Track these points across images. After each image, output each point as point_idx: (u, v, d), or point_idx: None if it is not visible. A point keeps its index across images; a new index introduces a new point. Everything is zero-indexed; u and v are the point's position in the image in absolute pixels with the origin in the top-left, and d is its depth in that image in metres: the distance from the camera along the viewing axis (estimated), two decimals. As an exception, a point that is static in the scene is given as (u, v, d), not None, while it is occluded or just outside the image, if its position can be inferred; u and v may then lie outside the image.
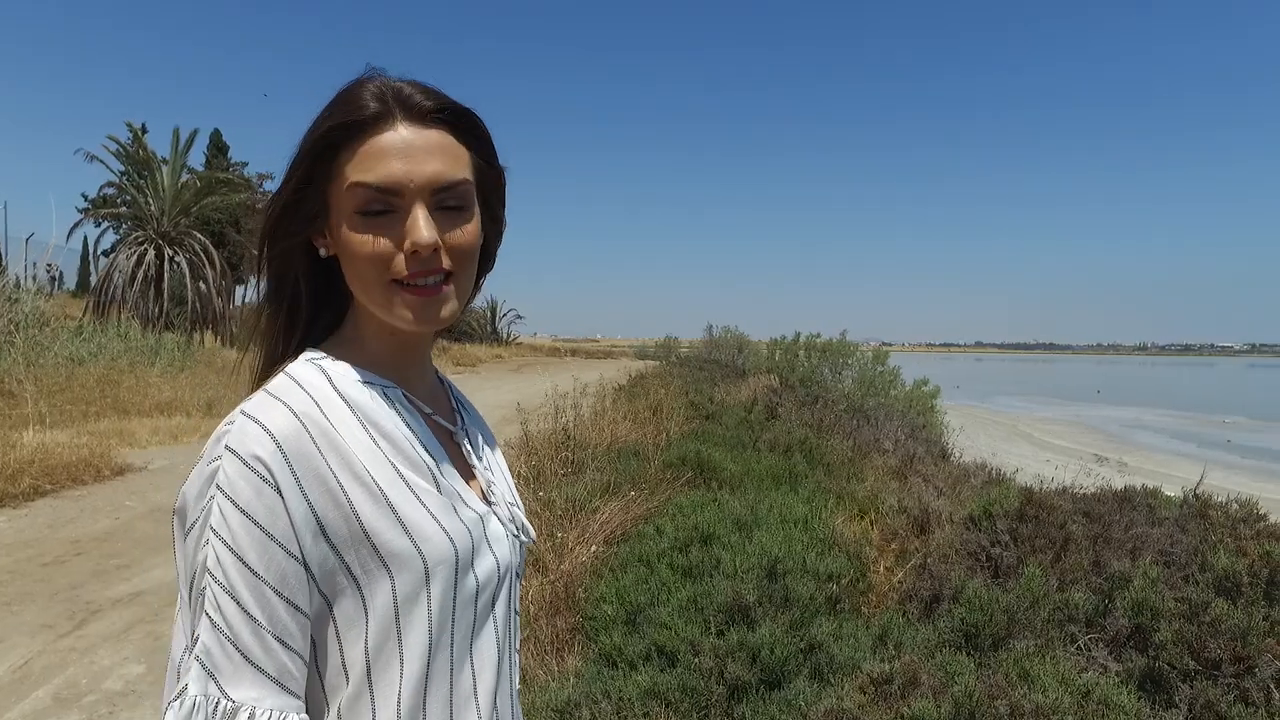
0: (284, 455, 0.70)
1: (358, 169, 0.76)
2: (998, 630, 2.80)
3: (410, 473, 0.78)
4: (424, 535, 0.75)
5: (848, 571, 3.80)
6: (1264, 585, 3.01)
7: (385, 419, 0.79)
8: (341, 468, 0.73)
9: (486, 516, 0.84)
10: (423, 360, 0.89)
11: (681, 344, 42.92)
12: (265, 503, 0.69)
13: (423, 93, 0.79)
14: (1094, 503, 3.57)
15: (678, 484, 6.25)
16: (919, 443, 8.93)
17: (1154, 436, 23.27)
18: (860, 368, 21.39)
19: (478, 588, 0.80)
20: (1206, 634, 2.73)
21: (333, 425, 0.74)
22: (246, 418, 0.72)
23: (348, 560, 0.72)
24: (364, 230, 0.76)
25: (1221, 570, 2.97)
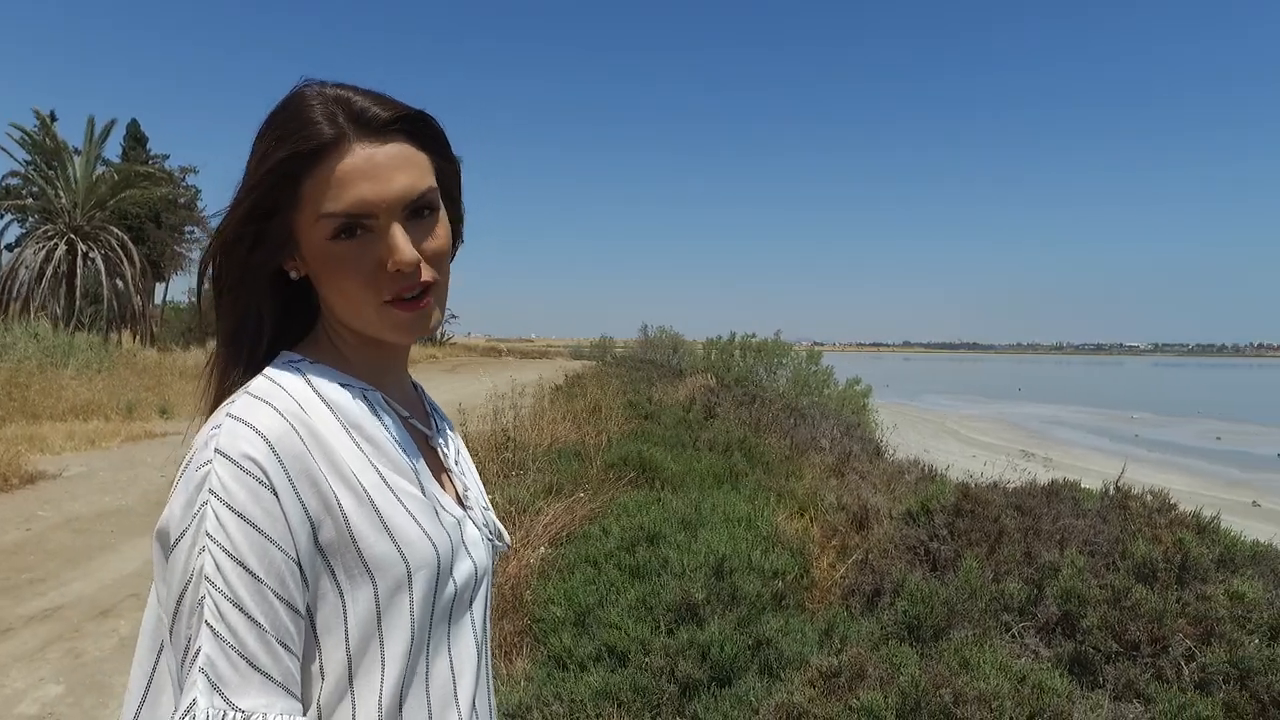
0: (277, 456, 0.69)
1: (324, 199, 0.74)
2: (938, 621, 2.90)
3: (394, 475, 0.78)
4: (407, 539, 0.75)
5: (792, 568, 3.88)
6: (1177, 570, 3.20)
7: (367, 422, 0.79)
8: (330, 470, 0.73)
9: (463, 521, 0.85)
10: (399, 365, 0.89)
11: (617, 344, 43.02)
12: (263, 505, 0.68)
13: (376, 103, 0.77)
14: (1024, 497, 3.73)
15: (620, 484, 6.27)
16: (854, 441, 9.16)
17: (1072, 432, 24.40)
18: (794, 367, 21.82)
19: (456, 592, 0.80)
20: (1127, 618, 2.90)
21: (318, 427, 0.74)
22: (234, 420, 0.71)
23: (333, 563, 0.72)
24: (343, 255, 0.75)
25: (1140, 558, 3.15)
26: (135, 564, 5.45)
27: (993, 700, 2.20)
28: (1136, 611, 2.81)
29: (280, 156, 0.75)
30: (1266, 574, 3.61)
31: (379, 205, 0.75)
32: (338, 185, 0.74)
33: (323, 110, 0.75)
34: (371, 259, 0.75)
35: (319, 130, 0.75)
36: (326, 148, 0.74)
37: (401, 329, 0.78)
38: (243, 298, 0.80)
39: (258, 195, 0.76)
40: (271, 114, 0.78)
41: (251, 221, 0.77)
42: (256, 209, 0.76)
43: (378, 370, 0.85)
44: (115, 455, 9.42)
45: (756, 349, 23.41)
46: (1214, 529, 3.79)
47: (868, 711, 2.27)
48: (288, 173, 0.75)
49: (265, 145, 0.77)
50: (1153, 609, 2.81)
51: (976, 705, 2.18)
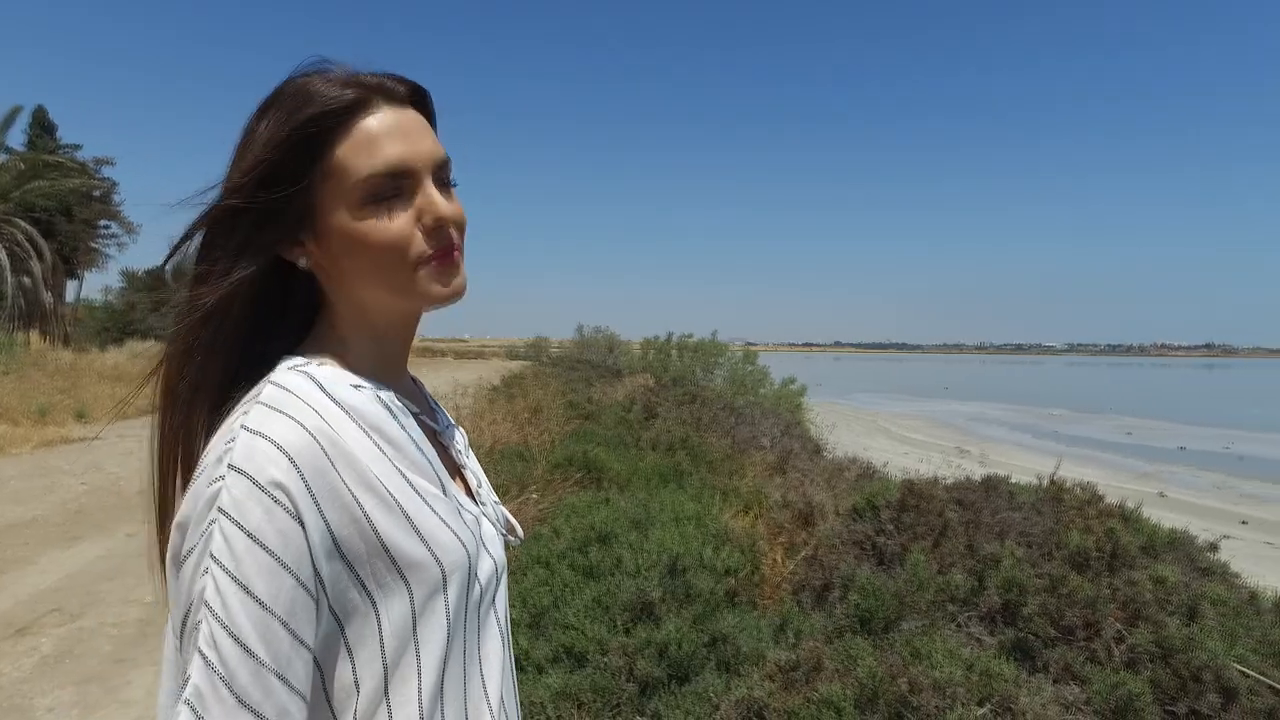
0: (299, 471, 0.66)
1: (359, 159, 0.73)
2: (889, 614, 3.00)
3: (417, 478, 0.76)
4: (438, 542, 0.73)
5: (743, 565, 3.94)
6: (1107, 558, 3.38)
7: (386, 424, 0.76)
8: (354, 480, 0.69)
9: (480, 517, 0.84)
10: (403, 361, 0.87)
11: (552, 344, 42.81)
12: (276, 526, 0.63)
13: (388, 77, 0.78)
14: (964, 491, 3.88)
15: (567, 485, 6.26)
16: (793, 439, 9.34)
17: (996, 429, 25.35)
18: (731, 367, 22.10)
19: (481, 590, 0.79)
20: (1064, 605, 3.04)
21: (339, 435, 0.70)
22: (251, 433, 0.67)
23: (362, 575, 0.69)
24: (372, 223, 0.74)
25: (1074, 547, 3.31)
26: (54, 578, 5.19)
27: (946, 688, 2.29)
28: (1072, 598, 2.96)
29: (309, 114, 0.73)
30: (1182, 559, 3.85)
31: (415, 163, 0.75)
32: (371, 144, 0.74)
33: (340, 80, 0.75)
34: (404, 220, 0.74)
35: (343, 94, 0.74)
36: (357, 105, 0.74)
37: (435, 285, 0.76)
38: (238, 283, 0.74)
39: (278, 157, 0.73)
40: (275, 93, 0.76)
41: (265, 188, 0.73)
42: (275, 176, 0.73)
43: (386, 368, 0.82)
44: (27, 463, 8.94)
45: (694, 349, 23.62)
46: (1137, 518, 4.01)
47: (827, 703, 2.33)
48: (315, 133, 0.73)
49: (278, 115, 0.74)
50: (1086, 595, 2.95)
51: (931, 693, 2.26)
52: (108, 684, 3.78)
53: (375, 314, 0.80)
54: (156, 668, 3.86)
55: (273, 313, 0.80)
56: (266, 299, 0.79)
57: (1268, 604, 3.47)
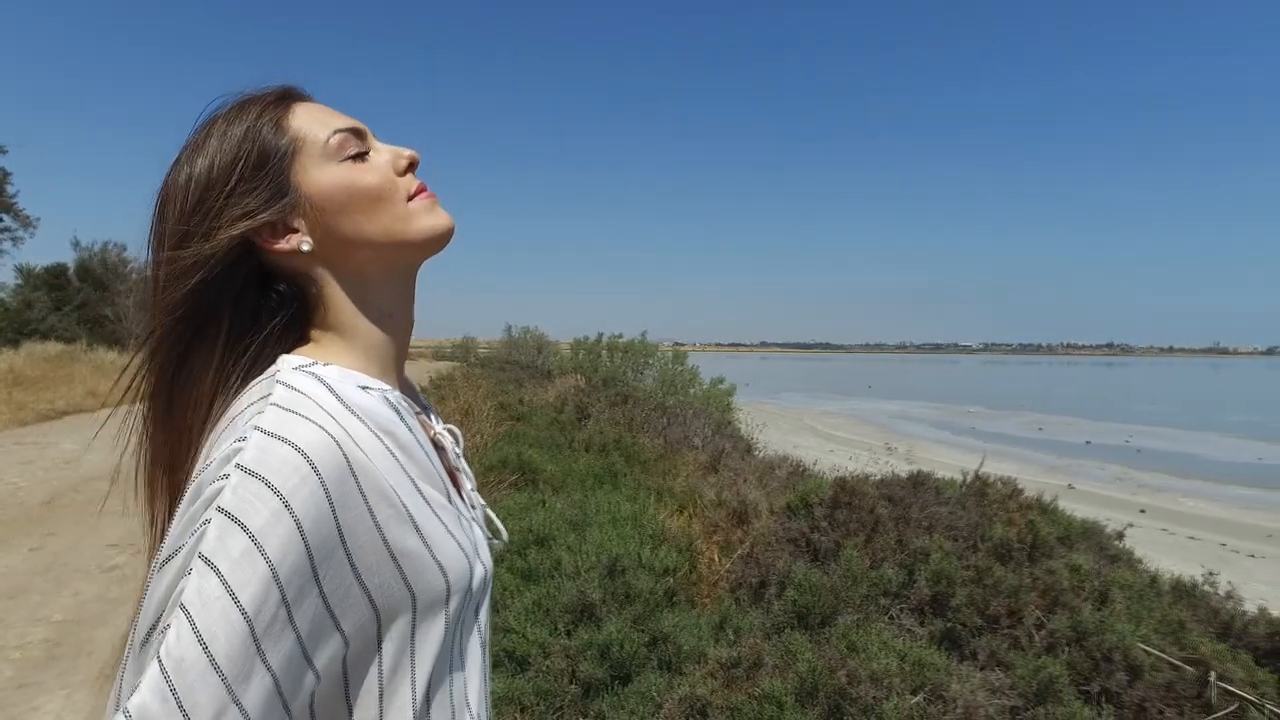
0: (320, 479, 0.62)
1: (317, 126, 0.77)
2: (825, 609, 3.07)
3: (426, 486, 0.74)
4: (446, 554, 0.72)
5: (680, 565, 3.98)
6: (1028, 549, 3.55)
7: (396, 427, 0.73)
8: (372, 489, 0.66)
9: (472, 522, 0.82)
10: (404, 353, 0.84)
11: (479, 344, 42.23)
12: (281, 534, 0.59)
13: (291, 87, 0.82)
14: (894, 488, 4.00)
15: (502, 487, 6.20)
16: (725, 438, 9.46)
17: (917, 426, 26.22)
18: (661, 367, 22.19)
19: (473, 598, 0.78)
20: (989, 595, 3.18)
21: (356, 441, 0.67)
22: (266, 435, 0.62)
23: (369, 587, 0.66)
24: (358, 172, 0.76)
25: (998, 539, 3.46)
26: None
27: (883, 679, 2.36)
28: (996, 588, 3.09)
29: (260, 104, 0.76)
30: (1094, 548, 4.08)
31: (364, 127, 0.80)
32: (319, 117, 0.78)
33: (261, 88, 0.79)
34: (381, 164, 0.77)
35: (272, 88, 0.79)
36: (289, 94, 0.79)
37: (430, 212, 0.78)
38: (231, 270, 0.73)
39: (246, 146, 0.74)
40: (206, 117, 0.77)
41: (235, 168, 0.73)
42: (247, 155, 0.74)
43: (388, 362, 0.80)
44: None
45: (624, 349, 23.63)
46: (1054, 510, 4.22)
47: (769, 698, 2.38)
48: (276, 116, 0.76)
49: (229, 117, 0.76)
50: (1010, 585, 3.09)
51: (869, 684, 2.33)
52: (11, 712, 3.56)
53: (377, 283, 0.79)
54: (67, 692, 3.66)
55: (261, 317, 0.77)
56: (254, 304, 0.77)
57: (1166, 586, 3.70)
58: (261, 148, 0.74)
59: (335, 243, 0.76)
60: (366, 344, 0.78)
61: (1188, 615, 3.30)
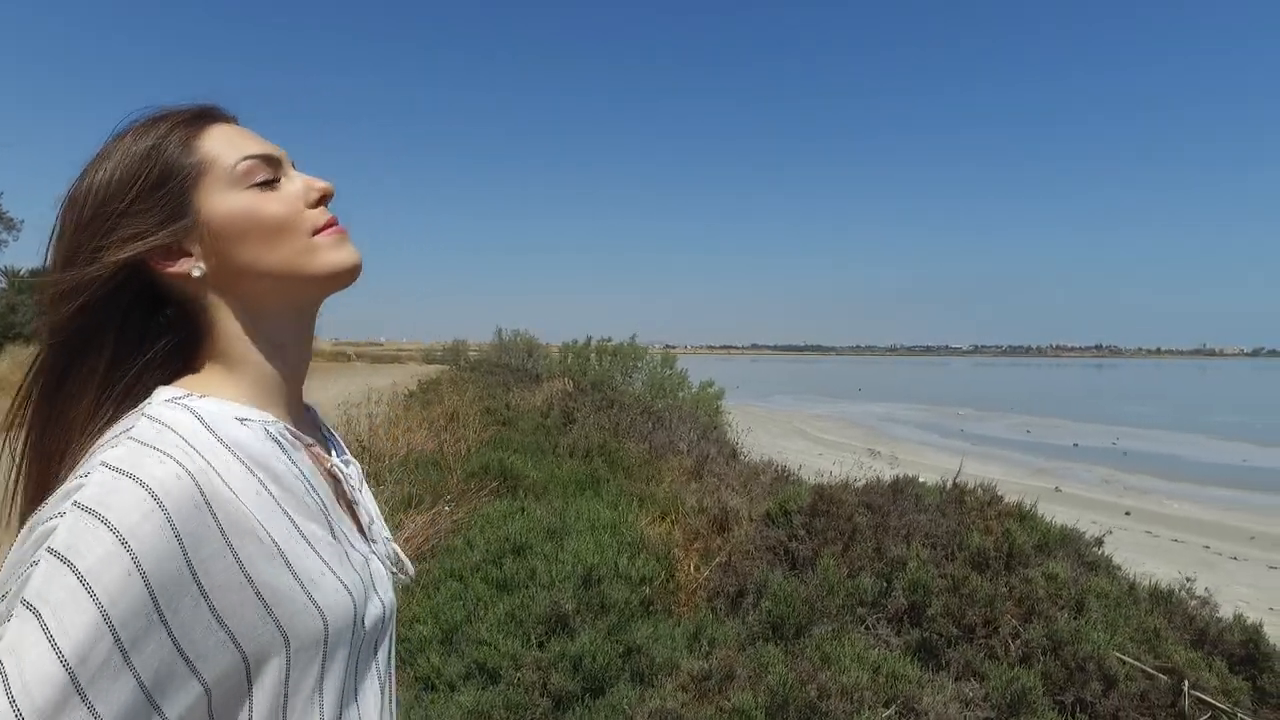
0: (167, 518, 0.59)
1: (228, 149, 0.74)
2: (800, 619, 3.05)
3: (305, 521, 0.71)
4: (325, 592, 0.69)
5: (658, 574, 3.95)
6: (1005, 558, 3.53)
7: (274, 461, 0.71)
8: (234, 527, 0.63)
9: (369, 557, 0.79)
10: (299, 383, 0.81)
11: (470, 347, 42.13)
12: (115, 575, 0.55)
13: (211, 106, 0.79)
14: (873, 495, 3.98)
15: (483, 494, 6.15)
16: (710, 443, 9.44)
17: (906, 429, 26.27)
18: (650, 370, 22.14)
19: (365, 637, 0.75)
20: (965, 604, 3.16)
21: (221, 476, 0.64)
22: (111, 471, 0.59)
23: (233, 629, 0.63)
24: (264, 201, 0.73)
25: (974, 548, 3.44)
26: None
27: (854, 692, 2.34)
28: (973, 598, 3.07)
29: (171, 120, 0.73)
30: (1072, 555, 4.06)
31: (277, 152, 0.77)
32: (233, 140, 0.75)
33: (177, 106, 0.76)
34: (290, 195, 0.75)
35: (188, 107, 0.76)
36: (204, 114, 0.76)
37: (337, 248, 0.75)
38: (116, 294, 0.70)
39: (148, 164, 0.71)
40: (117, 132, 0.74)
41: (133, 185, 0.70)
42: (147, 172, 0.70)
43: (280, 393, 0.77)
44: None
45: (613, 352, 23.56)
46: (1032, 517, 4.21)
47: (739, 713, 2.35)
48: (184, 136, 0.73)
49: (138, 133, 0.73)
50: (986, 595, 3.08)
51: (839, 698, 2.31)
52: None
53: (272, 315, 0.76)
54: None
55: (146, 341, 0.74)
56: (141, 326, 0.74)
57: (1144, 594, 3.70)
58: (164, 166, 0.71)
59: (230, 271, 0.73)
60: (256, 375, 0.76)
61: (1164, 623, 3.30)
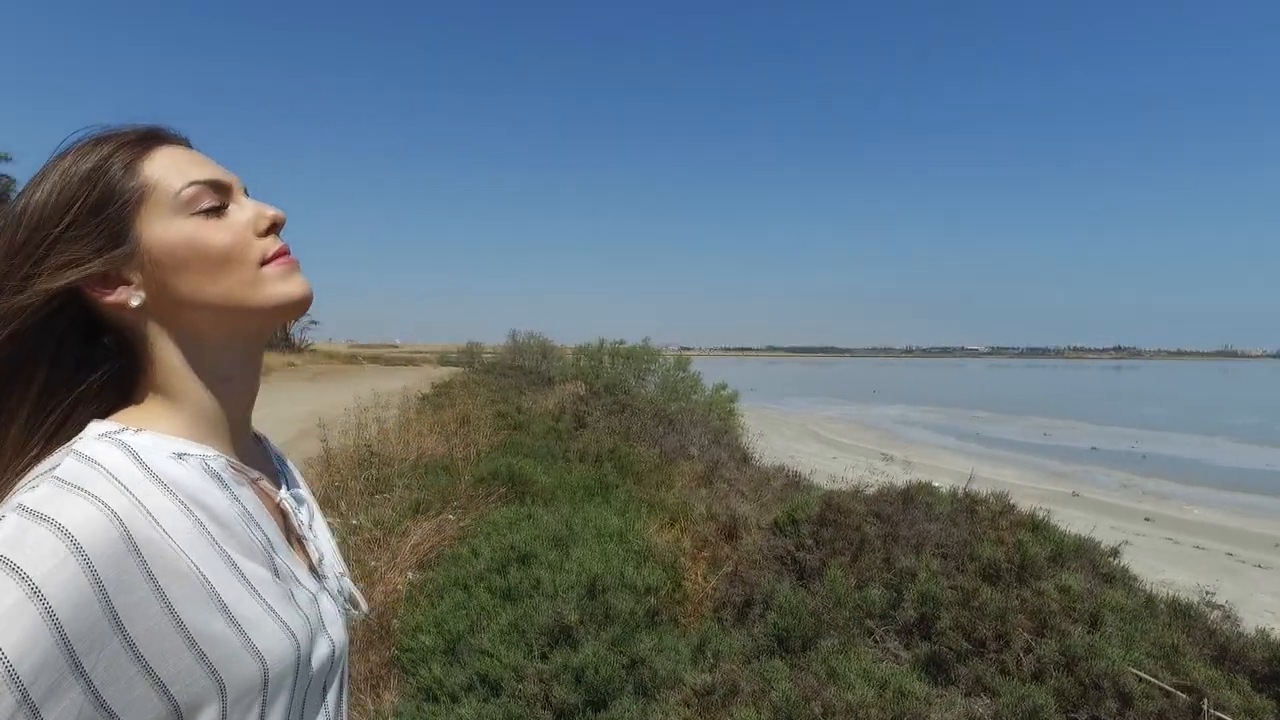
0: (86, 564, 0.56)
1: (173, 174, 0.70)
2: (807, 632, 2.99)
3: (244, 560, 0.67)
4: (264, 635, 0.66)
5: (664, 583, 3.90)
6: (1017, 570, 3.45)
7: (211, 497, 0.67)
8: (163, 569, 0.60)
9: (319, 594, 0.76)
10: (245, 413, 0.79)
11: (485, 349, 42.29)
12: (23, 624, 0.53)
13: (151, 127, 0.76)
14: (883, 503, 3.92)
15: (490, 500, 6.13)
16: (722, 448, 9.38)
17: (922, 431, 26.06)
18: (663, 373, 22.09)
19: (311, 680, 0.71)
20: (976, 617, 3.09)
21: (149, 515, 0.61)
22: (26, 515, 0.56)
23: (161, 677, 0.60)
24: (209, 230, 0.70)
25: (986, 559, 3.37)
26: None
27: (859, 710, 2.29)
28: (984, 611, 3.00)
29: (115, 142, 0.70)
30: (1087, 566, 3.97)
31: (227, 179, 0.73)
32: (180, 165, 0.71)
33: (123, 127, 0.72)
34: (237, 224, 0.71)
35: (134, 128, 0.72)
36: (151, 136, 0.72)
37: (285, 279, 0.72)
38: (49, 321, 0.67)
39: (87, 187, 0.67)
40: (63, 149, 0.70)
41: (70, 208, 0.67)
42: (85, 196, 0.67)
43: (224, 424, 0.74)
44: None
45: (626, 355, 23.53)
46: (1045, 527, 4.13)
47: (741, 729, 2.30)
48: (128, 158, 0.69)
49: (81, 153, 0.69)
50: (997, 608, 3.01)
51: (844, 716, 2.25)
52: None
53: (215, 346, 0.73)
54: None
55: (82, 371, 0.71)
56: (76, 354, 0.70)
57: (1162, 607, 3.60)
58: (104, 190, 0.68)
59: (170, 301, 0.70)
60: (197, 408, 0.72)
61: (1183, 638, 3.21)
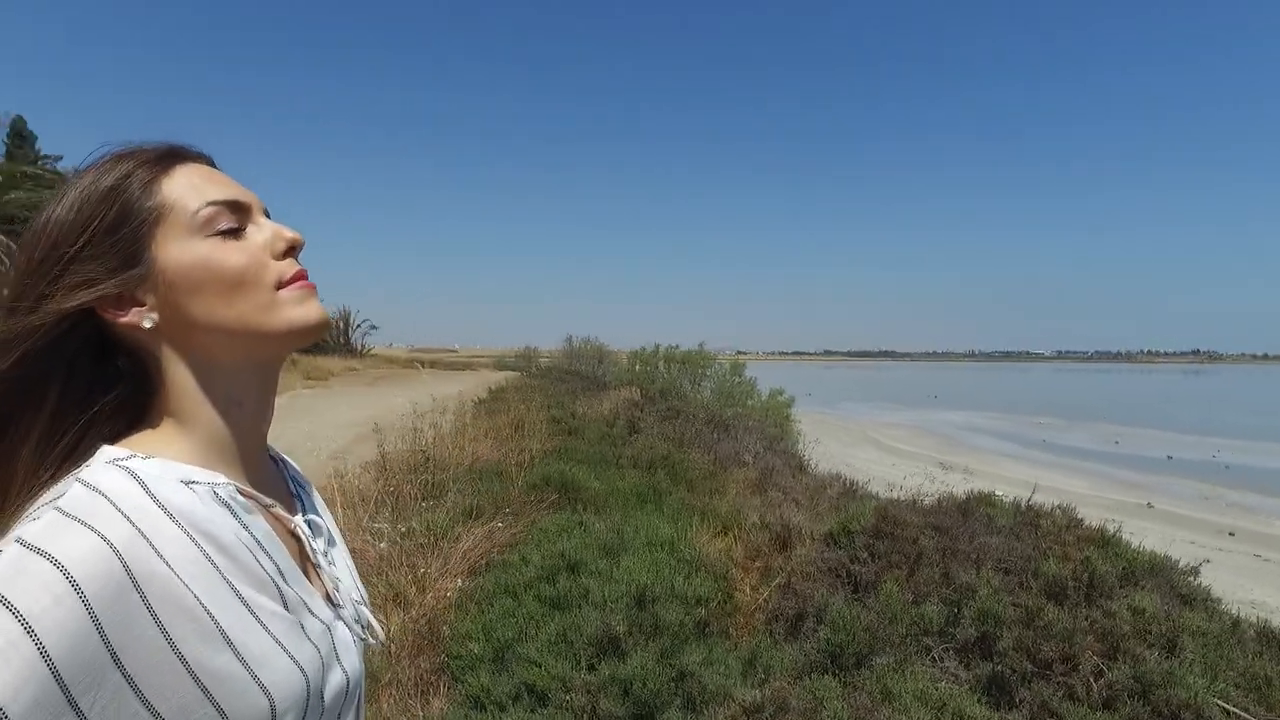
0: (81, 596, 0.54)
1: (191, 194, 0.69)
2: (861, 648, 2.90)
3: (252, 592, 0.65)
4: (272, 670, 0.63)
5: (715, 594, 3.83)
6: (1085, 589, 3.29)
7: (219, 526, 0.65)
8: (165, 603, 0.59)
9: (333, 624, 0.74)
10: (260, 435, 0.77)
11: (541, 354, 42.68)
12: (16, 664, 0.51)
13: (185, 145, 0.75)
14: (940, 515, 3.78)
15: (542, 506, 6.14)
16: (777, 455, 9.25)
17: (984, 438, 25.31)
18: (718, 378, 21.94)
19: (324, 711, 0.69)
20: (1040, 638, 2.95)
21: (153, 546, 0.60)
22: (25, 549, 0.55)
23: (163, 713, 0.58)
24: (225, 252, 0.68)
25: (1050, 576, 3.22)
26: None
27: (914, 734, 2.19)
28: (1049, 631, 2.86)
29: (135, 160, 0.69)
30: (1163, 586, 3.76)
31: (247, 199, 0.71)
32: (199, 183, 0.70)
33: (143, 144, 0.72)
34: (254, 246, 0.70)
35: (155, 147, 0.71)
36: (171, 154, 0.71)
37: (301, 303, 0.70)
38: (60, 342, 0.65)
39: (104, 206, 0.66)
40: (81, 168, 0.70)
41: (87, 227, 0.66)
42: (103, 215, 0.66)
43: (236, 448, 0.72)
44: None
45: (681, 360, 23.46)
46: (1116, 543, 3.93)
47: (791, 751, 2.22)
48: (147, 177, 0.68)
49: (99, 171, 0.68)
50: (1064, 628, 2.86)
51: (898, 741, 2.16)
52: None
53: (228, 370, 0.71)
54: None
55: (94, 393, 0.70)
56: (90, 375, 0.69)
57: (1250, 632, 3.38)
58: (121, 209, 0.67)
59: (183, 323, 0.69)
60: (208, 433, 0.70)
61: (1275, 668, 3.00)
